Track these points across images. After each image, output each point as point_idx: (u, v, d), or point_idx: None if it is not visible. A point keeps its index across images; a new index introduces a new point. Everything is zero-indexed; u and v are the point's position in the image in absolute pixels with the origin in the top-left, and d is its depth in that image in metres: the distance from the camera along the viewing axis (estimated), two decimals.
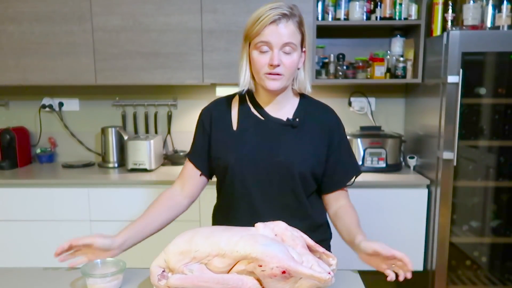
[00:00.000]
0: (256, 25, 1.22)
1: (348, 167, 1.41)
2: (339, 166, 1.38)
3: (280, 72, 1.24)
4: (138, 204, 2.46)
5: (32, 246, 2.53)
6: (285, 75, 1.26)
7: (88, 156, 3.03)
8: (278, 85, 1.27)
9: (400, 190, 2.46)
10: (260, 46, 1.24)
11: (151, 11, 2.52)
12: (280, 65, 1.24)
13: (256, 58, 1.26)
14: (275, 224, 1.13)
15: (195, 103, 2.96)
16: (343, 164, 1.39)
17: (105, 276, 1.12)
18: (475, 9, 2.44)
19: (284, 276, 0.99)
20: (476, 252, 2.49)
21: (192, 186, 1.43)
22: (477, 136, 2.41)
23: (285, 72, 1.25)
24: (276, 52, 1.22)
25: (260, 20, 1.22)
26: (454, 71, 2.24)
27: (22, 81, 2.62)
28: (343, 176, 1.40)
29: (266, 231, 1.11)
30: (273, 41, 1.22)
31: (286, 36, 1.22)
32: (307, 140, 1.33)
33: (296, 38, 1.24)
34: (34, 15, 2.55)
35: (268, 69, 1.25)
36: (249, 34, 1.26)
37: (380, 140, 2.63)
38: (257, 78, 1.30)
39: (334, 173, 1.38)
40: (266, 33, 1.22)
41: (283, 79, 1.27)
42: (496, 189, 2.45)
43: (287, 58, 1.24)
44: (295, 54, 1.25)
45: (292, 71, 1.27)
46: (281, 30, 1.21)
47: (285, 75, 1.26)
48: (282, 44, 1.22)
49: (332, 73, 2.71)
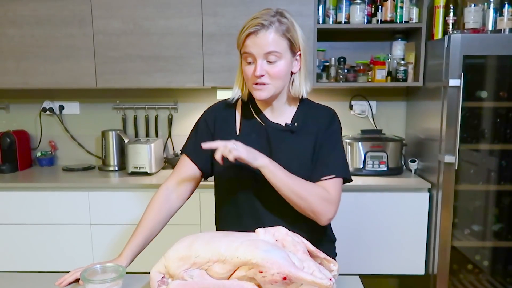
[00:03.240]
0: (240, 36, 1.26)
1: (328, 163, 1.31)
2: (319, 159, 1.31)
3: (265, 81, 1.25)
4: (138, 207, 2.46)
5: (32, 249, 2.52)
6: (271, 83, 1.26)
7: (89, 160, 3.03)
8: (265, 95, 1.28)
9: (401, 194, 2.45)
10: (246, 57, 1.26)
11: (152, 15, 2.52)
12: (264, 75, 1.25)
13: (244, 69, 1.29)
14: (276, 229, 1.12)
15: (195, 106, 2.96)
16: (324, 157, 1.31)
17: (104, 281, 1.11)
18: (476, 12, 2.44)
19: (285, 282, 0.99)
20: (477, 256, 2.48)
21: (188, 186, 1.41)
22: (479, 140, 2.40)
23: (271, 81, 1.26)
24: (259, 63, 1.24)
25: (242, 31, 1.25)
26: (455, 74, 2.23)
27: (23, 85, 2.62)
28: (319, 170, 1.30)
29: (266, 236, 1.10)
30: (254, 52, 1.24)
31: (266, 45, 1.22)
32: (306, 144, 1.33)
33: (280, 46, 1.24)
34: (35, 18, 2.55)
35: (254, 80, 1.26)
36: (238, 44, 1.29)
37: (381, 143, 2.62)
38: (249, 87, 1.32)
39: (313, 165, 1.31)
40: (248, 45, 1.24)
41: (270, 88, 1.27)
42: (497, 193, 2.44)
43: (272, 67, 1.25)
44: (281, 62, 1.25)
45: (279, 79, 1.27)
46: (260, 41, 1.22)
47: (271, 84, 1.26)
48: (264, 54, 1.23)
49: (333, 77, 2.71)
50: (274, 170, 1.22)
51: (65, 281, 1.22)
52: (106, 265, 1.18)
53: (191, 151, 1.41)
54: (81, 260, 2.50)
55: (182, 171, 1.41)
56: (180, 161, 1.43)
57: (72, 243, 2.51)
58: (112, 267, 1.18)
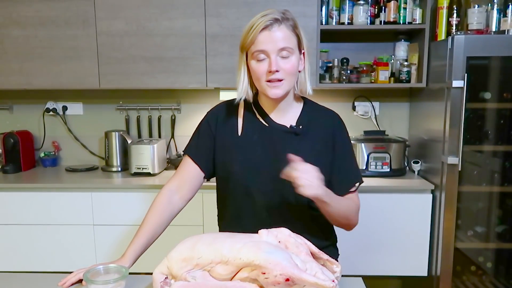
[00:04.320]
0: (249, 34, 1.23)
1: (349, 174, 1.38)
2: (341, 172, 1.36)
3: (280, 77, 1.24)
4: (141, 208, 2.46)
5: (35, 250, 2.53)
6: (286, 79, 1.25)
7: (92, 160, 3.03)
8: (281, 92, 1.26)
9: (405, 195, 2.44)
10: (257, 54, 1.24)
11: (155, 16, 2.53)
12: (279, 71, 1.23)
13: (255, 67, 1.26)
14: (279, 231, 1.12)
15: (198, 107, 2.96)
16: (345, 170, 1.37)
17: (107, 282, 1.11)
18: (480, 13, 2.43)
19: (287, 284, 0.99)
20: (481, 258, 2.47)
21: (190, 187, 1.40)
22: (482, 141, 2.39)
23: (286, 76, 1.25)
24: (273, 58, 1.22)
25: (253, 29, 1.22)
26: (458, 75, 2.22)
27: (26, 85, 2.63)
28: (346, 183, 1.37)
29: (269, 238, 1.10)
30: (269, 48, 1.22)
31: (281, 40, 1.22)
32: (310, 147, 1.32)
33: (292, 42, 1.24)
34: (38, 19, 2.56)
35: (268, 76, 1.24)
36: (244, 44, 1.26)
37: (384, 144, 2.62)
38: (259, 87, 1.29)
39: (336, 180, 1.35)
40: (261, 41, 1.22)
41: (285, 85, 1.26)
42: (501, 194, 2.44)
43: (286, 62, 1.24)
44: (293, 57, 1.25)
45: (292, 75, 1.26)
46: (275, 35, 1.21)
47: (286, 80, 1.25)
48: (278, 50, 1.22)
49: (336, 78, 2.71)
50: (329, 201, 1.22)
51: (68, 281, 1.22)
52: (109, 266, 1.19)
53: (193, 153, 1.41)
54: (84, 260, 2.50)
55: (185, 172, 1.40)
56: (183, 162, 1.43)
57: (75, 243, 2.52)
58: (115, 268, 1.18)
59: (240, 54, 1.31)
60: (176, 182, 1.40)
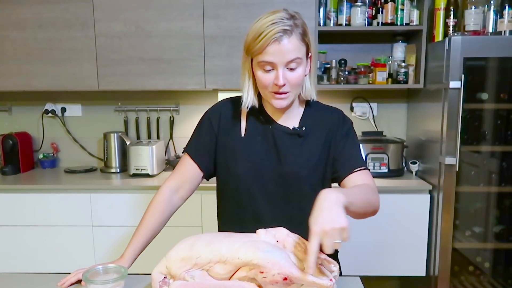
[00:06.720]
0: (257, 42, 1.15)
1: (354, 157, 1.30)
2: (344, 154, 1.29)
3: (286, 90, 1.20)
4: (140, 209, 2.46)
5: (34, 251, 2.53)
6: (291, 91, 1.21)
7: (90, 162, 3.04)
8: (286, 103, 1.23)
9: (402, 196, 2.45)
10: (264, 65, 1.18)
11: (153, 17, 2.54)
12: (285, 84, 1.19)
13: (261, 77, 1.20)
14: (277, 230, 1.12)
15: (197, 108, 2.97)
16: (349, 154, 1.30)
17: (106, 282, 1.11)
18: (477, 14, 2.44)
19: (285, 283, 0.99)
20: (478, 258, 2.48)
21: (189, 186, 1.38)
22: (480, 141, 2.40)
23: (292, 89, 1.21)
24: (280, 72, 1.17)
25: (261, 37, 1.14)
26: (456, 76, 2.23)
27: (25, 87, 2.63)
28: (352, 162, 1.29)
29: (267, 237, 1.10)
30: (277, 60, 1.16)
31: (290, 53, 1.15)
32: (315, 148, 1.30)
33: (301, 52, 1.18)
34: (37, 21, 2.56)
35: (274, 89, 1.20)
36: (250, 49, 1.18)
37: (382, 145, 2.63)
38: (264, 94, 1.26)
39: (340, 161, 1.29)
40: (269, 53, 1.15)
41: (290, 97, 1.22)
42: (498, 195, 2.44)
43: (292, 74, 1.18)
44: (301, 68, 1.19)
45: (298, 85, 1.23)
46: (284, 48, 1.14)
47: (291, 92, 1.21)
48: (286, 62, 1.17)
49: (334, 79, 2.72)
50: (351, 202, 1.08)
51: (67, 282, 1.22)
52: (108, 266, 1.19)
53: (193, 151, 1.37)
54: (83, 261, 2.50)
55: (184, 171, 1.38)
56: (182, 160, 1.39)
57: (74, 244, 2.52)
58: (114, 268, 1.18)
59: (244, 56, 1.25)
60: (176, 181, 1.38)
